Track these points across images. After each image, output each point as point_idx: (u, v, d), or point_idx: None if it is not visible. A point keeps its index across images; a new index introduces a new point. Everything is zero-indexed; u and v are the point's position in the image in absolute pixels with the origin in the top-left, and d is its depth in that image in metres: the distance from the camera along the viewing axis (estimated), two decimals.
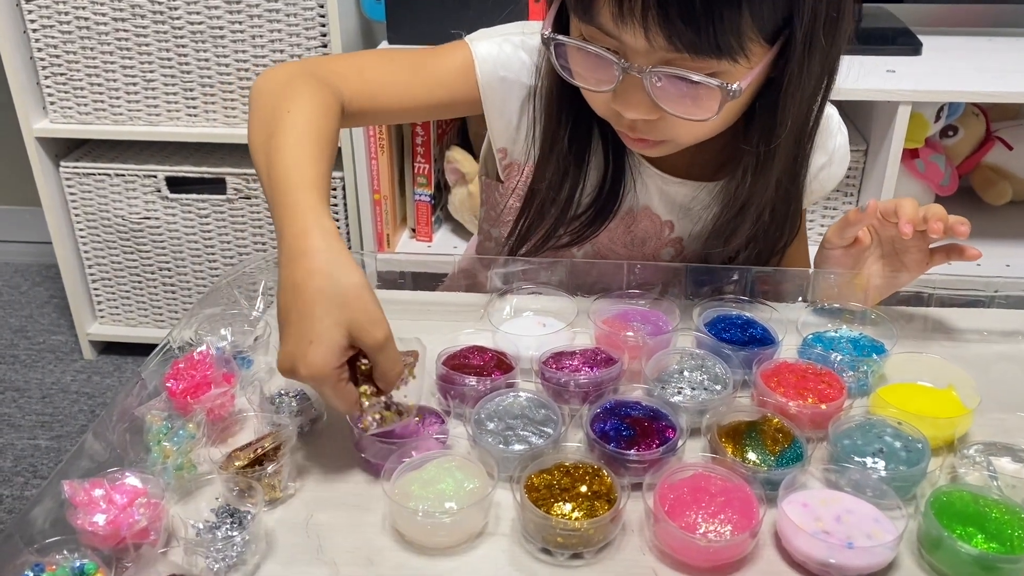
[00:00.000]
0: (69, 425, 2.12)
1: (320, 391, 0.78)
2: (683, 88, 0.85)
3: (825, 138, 1.09)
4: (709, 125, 0.89)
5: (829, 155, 1.10)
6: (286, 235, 0.81)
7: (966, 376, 0.88)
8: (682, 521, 0.71)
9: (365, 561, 0.72)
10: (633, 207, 1.11)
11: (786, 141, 0.94)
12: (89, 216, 2.12)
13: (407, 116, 1.10)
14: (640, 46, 0.82)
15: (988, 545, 0.70)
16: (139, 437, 0.81)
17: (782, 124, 0.92)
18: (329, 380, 0.76)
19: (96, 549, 0.69)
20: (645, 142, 0.95)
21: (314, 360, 0.75)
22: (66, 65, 1.95)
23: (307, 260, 0.78)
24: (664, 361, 0.91)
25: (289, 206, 0.82)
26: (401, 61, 1.07)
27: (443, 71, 1.06)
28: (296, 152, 0.88)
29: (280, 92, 0.95)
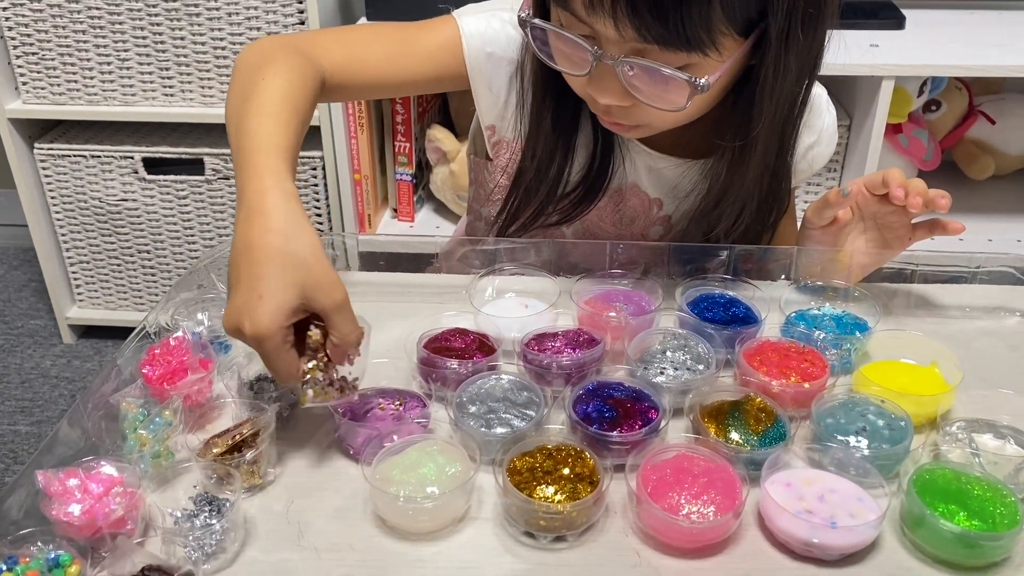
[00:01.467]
0: (49, 410, 2.10)
1: (262, 353, 0.75)
2: (654, 78, 0.85)
3: (814, 118, 1.09)
4: (683, 113, 0.89)
5: (817, 134, 1.10)
6: (246, 193, 0.80)
7: (949, 353, 0.88)
8: (665, 502, 0.71)
9: (346, 547, 0.72)
10: (622, 185, 1.11)
11: (768, 129, 0.94)
12: (65, 198, 2.09)
13: (391, 91, 1.09)
14: (611, 36, 0.83)
15: (970, 522, 0.70)
16: (115, 425, 0.80)
17: (758, 117, 0.92)
18: (274, 340, 0.74)
19: (72, 540, 0.68)
20: (620, 126, 0.95)
21: (261, 317, 0.73)
22: (38, 45, 1.91)
23: (264, 219, 0.77)
24: (647, 341, 0.91)
25: (252, 167, 0.82)
26: (387, 35, 1.06)
27: (430, 46, 1.05)
28: (266, 117, 0.87)
29: (259, 63, 0.95)
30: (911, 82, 1.91)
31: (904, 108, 1.92)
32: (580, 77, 0.90)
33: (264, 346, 0.75)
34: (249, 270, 0.75)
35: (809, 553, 0.70)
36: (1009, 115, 2.10)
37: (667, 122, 0.94)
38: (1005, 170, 2.16)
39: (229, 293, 0.77)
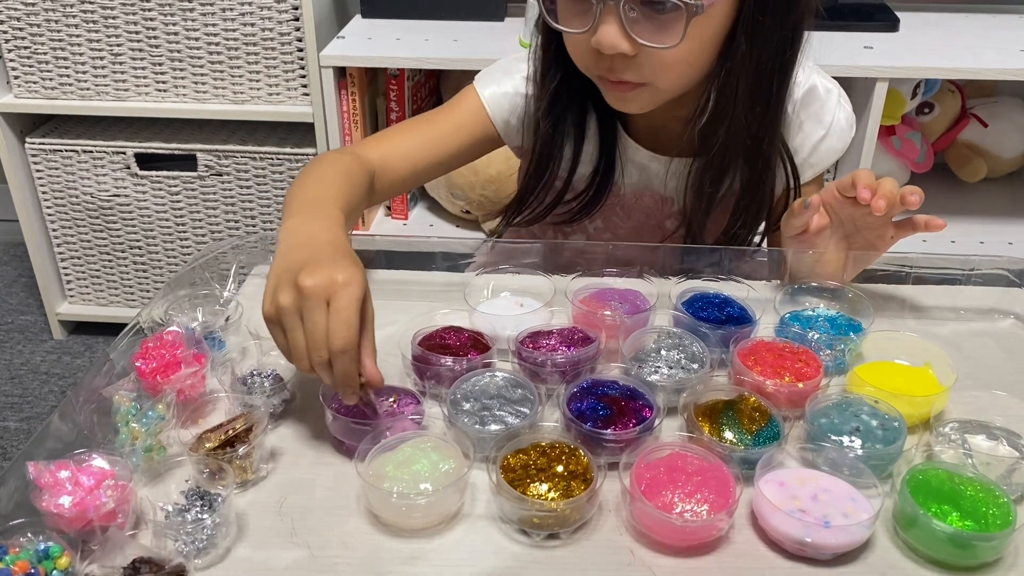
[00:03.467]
0: (39, 406, 2.09)
1: (343, 304, 0.75)
2: (653, 15, 0.90)
3: (821, 111, 1.11)
4: (683, 61, 0.94)
5: (826, 128, 1.12)
6: (293, 220, 0.87)
7: (942, 354, 0.88)
8: (658, 501, 0.71)
9: (339, 544, 0.71)
10: (634, 188, 1.15)
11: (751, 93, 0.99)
12: (56, 193, 2.08)
13: (436, 169, 1.17)
14: None
15: (963, 523, 0.70)
16: (107, 418, 0.80)
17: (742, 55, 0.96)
18: (352, 287, 0.76)
19: (62, 532, 0.68)
20: (625, 85, 0.97)
21: (347, 267, 0.76)
22: (30, 39, 1.91)
23: (321, 222, 0.86)
24: (641, 340, 0.91)
25: (302, 212, 0.89)
26: (419, 122, 1.17)
27: (458, 119, 1.16)
28: (320, 183, 0.96)
29: (321, 162, 1.05)
30: (904, 84, 1.91)
31: (897, 110, 1.93)
32: (584, 34, 0.93)
33: (347, 291, 0.75)
34: (313, 248, 0.81)
35: (802, 552, 0.70)
36: (1002, 118, 2.10)
37: (670, 79, 0.97)
38: (997, 173, 2.17)
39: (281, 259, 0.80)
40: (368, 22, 1.98)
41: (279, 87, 1.92)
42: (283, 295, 0.76)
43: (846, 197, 0.99)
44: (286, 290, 0.76)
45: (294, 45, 1.87)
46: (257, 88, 1.92)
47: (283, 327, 0.77)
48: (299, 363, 0.78)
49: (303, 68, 1.89)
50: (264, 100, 1.94)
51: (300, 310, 0.76)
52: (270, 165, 2.00)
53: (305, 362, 0.77)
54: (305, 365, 0.77)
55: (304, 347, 0.76)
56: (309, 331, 0.76)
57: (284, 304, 0.76)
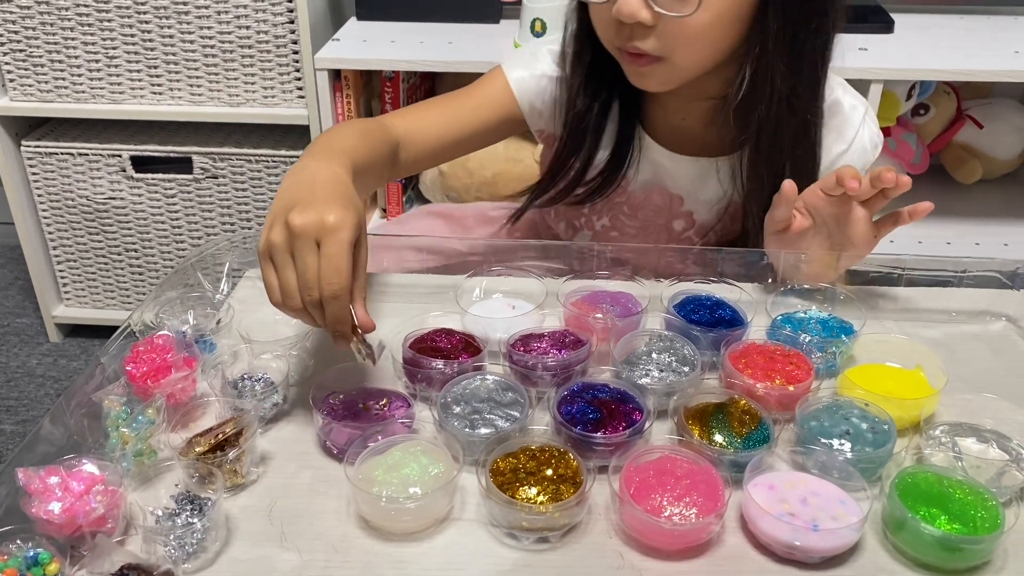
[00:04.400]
0: (35, 410, 2.09)
1: (334, 247, 0.75)
2: None
3: (844, 126, 1.11)
4: (703, 35, 0.95)
5: (848, 143, 1.12)
6: (300, 163, 0.87)
7: (934, 356, 0.88)
8: (647, 504, 0.71)
9: (329, 548, 0.71)
10: (645, 185, 1.17)
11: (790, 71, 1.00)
12: (52, 196, 2.08)
13: (458, 146, 1.18)
14: None
15: (951, 526, 0.70)
16: (98, 423, 0.80)
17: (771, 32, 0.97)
18: (344, 230, 0.76)
19: (51, 538, 0.68)
20: (643, 58, 0.98)
21: (339, 209, 0.76)
22: (25, 41, 1.90)
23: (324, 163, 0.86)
24: (632, 343, 0.91)
25: (315, 152, 0.90)
26: (445, 99, 1.18)
27: (483, 97, 1.17)
28: (339, 137, 0.96)
29: (345, 123, 1.08)
30: (900, 86, 1.91)
31: (893, 112, 1.93)
32: (606, 4, 0.96)
33: (338, 235, 0.75)
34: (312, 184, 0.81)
35: (791, 556, 0.70)
36: (997, 119, 2.10)
37: (688, 54, 0.98)
38: (993, 174, 2.17)
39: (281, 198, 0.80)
40: (363, 24, 1.99)
41: (274, 90, 1.92)
42: (275, 233, 0.77)
43: (830, 196, 0.98)
44: (278, 228, 0.77)
45: (289, 48, 1.87)
46: (252, 91, 1.92)
47: (274, 264, 0.78)
48: (289, 301, 0.78)
49: (298, 70, 1.89)
50: (259, 103, 1.94)
51: (291, 248, 0.76)
52: (265, 168, 2.00)
53: (296, 300, 0.77)
54: (293, 303, 0.77)
55: (295, 286, 0.77)
56: (300, 271, 0.76)
57: (275, 241, 0.77)
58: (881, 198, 0.96)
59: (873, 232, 1.00)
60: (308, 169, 0.85)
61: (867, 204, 0.97)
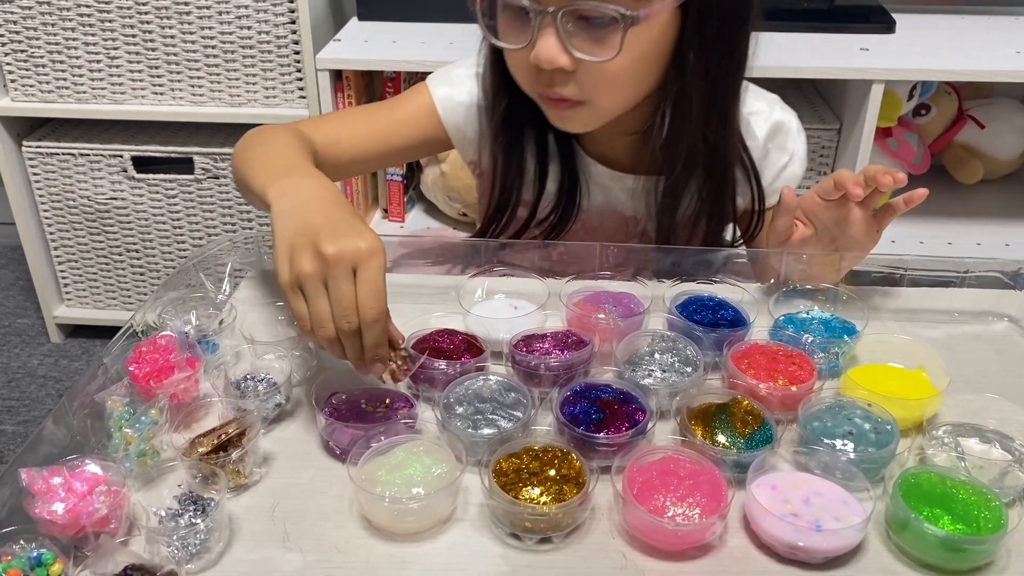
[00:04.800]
0: (36, 410, 2.09)
1: (370, 274, 0.75)
2: (590, 28, 0.90)
3: (785, 141, 1.14)
4: (623, 78, 0.94)
5: (790, 155, 1.15)
6: (281, 181, 0.85)
7: (936, 357, 0.88)
8: (650, 504, 0.71)
9: (332, 548, 0.71)
10: (598, 211, 1.16)
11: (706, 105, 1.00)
12: (53, 197, 2.08)
13: (376, 160, 1.16)
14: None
15: (954, 527, 0.70)
16: (100, 423, 0.80)
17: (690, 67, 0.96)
18: (375, 258, 0.75)
19: (55, 539, 0.68)
20: (564, 103, 0.97)
21: (369, 234, 0.76)
22: (27, 42, 1.91)
23: (314, 180, 0.85)
24: (635, 343, 0.91)
25: (283, 167, 0.89)
26: (367, 112, 1.15)
27: (407, 115, 1.14)
28: (284, 152, 0.95)
29: (260, 135, 1.03)
30: (901, 86, 1.91)
31: (894, 112, 1.93)
32: (523, 49, 0.93)
33: (375, 261, 0.75)
34: (323, 211, 0.80)
35: (794, 556, 0.70)
36: (998, 119, 2.10)
37: (610, 96, 0.97)
38: (994, 174, 2.17)
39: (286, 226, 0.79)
40: (364, 25, 1.99)
41: (275, 90, 1.92)
42: (304, 261, 0.76)
43: (829, 201, 0.99)
44: (306, 256, 0.76)
45: (290, 48, 1.87)
46: (253, 91, 1.93)
47: (305, 294, 0.77)
48: (321, 331, 0.77)
49: (299, 71, 1.89)
50: (260, 103, 1.94)
51: (324, 277, 0.76)
52: None
53: (329, 329, 0.76)
54: (328, 333, 0.76)
55: (329, 314, 0.76)
56: (336, 299, 0.75)
57: (306, 271, 0.76)
58: (877, 194, 0.96)
59: (875, 227, 1.00)
60: (303, 188, 0.84)
61: (864, 203, 0.98)
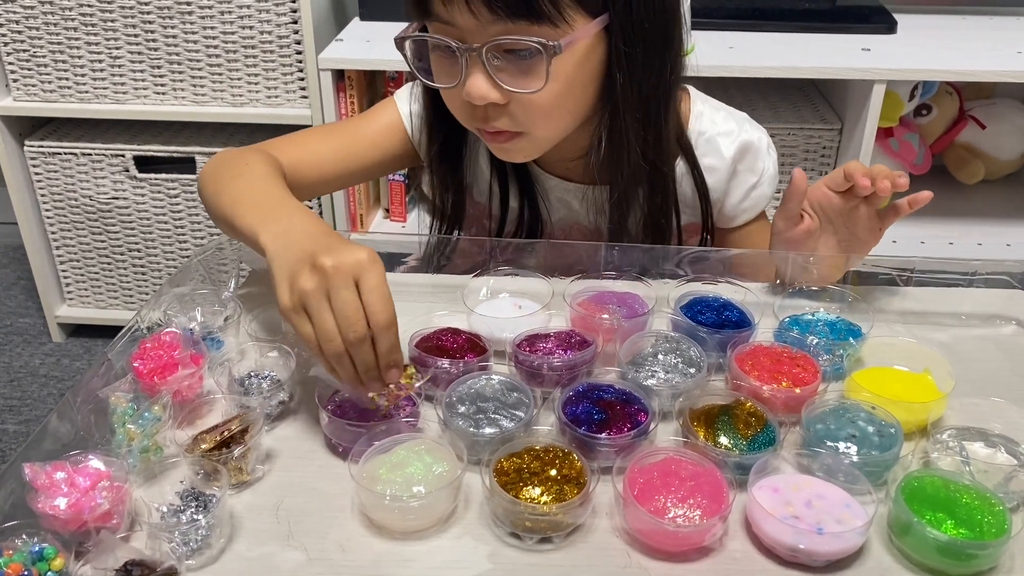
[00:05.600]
0: (38, 409, 2.09)
1: (373, 282, 0.75)
2: (516, 61, 0.91)
3: (755, 162, 1.13)
4: (556, 106, 0.94)
5: (759, 175, 1.13)
6: (271, 223, 0.85)
7: (942, 360, 0.88)
8: (651, 505, 0.71)
9: (334, 546, 0.71)
10: (562, 224, 1.16)
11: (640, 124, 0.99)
12: (55, 196, 2.08)
13: (345, 179, 1.15)
14: (470, 24, 0.88)
15: (957, 531, 0.69)
16: (104, 419, 0.80)
17: (621, 91, 0.96)
18: (376, 267, 0.76)
19: (57, 533, 0.68)
20: (503, 135, 0.98)
21: (360, 249, 0.76)
22: (29, 41, 1.91)
23: (304, 216, 0.85)
24: (638, 344, 0.91)
25: (268, 207, 0.88)
26: (334, 130, 1.16)
27: (373, 133, 1.14)
28: (264, 186, 0.94)
29: (233, 157, 1.02)
30: (902, 86, 1.91)
31: (895, 112, 1.93)
32: (455, 88, 0.94)
33: (376, 269, 0.76)
34: (316, 236, 0.80)
35: (795, 559, 0.69)
36: (1000, 120, 2.10)
37: (545, 125, 0.97)
38: (995, 175, 2.17)
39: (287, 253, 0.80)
40: (366, 25, 1.99)
41: (277, 90, 1.92)
42: (304, 280, 0.76)
43: (837, 192, 0.99)
44: (305, 274, 0.76)
45: (292, 48, 1.87)
46: (255, 91, 1.93)
47: (308, 312, 0.76)
48: (329, 345, 0.76)
49: (301, 71, 1.89)
50: (262, 103, 1.94)
51: (326, 292, 0.75)
52: None
53: (336, 342, 0.75)
54: (336, 347, 0.76)
55: (334, 328, 0.75)
56: (340, 309, 0.75)
57: (307, 288, 0.76)
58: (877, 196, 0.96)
59: (878, 225, 1.00)
60: (295, 227, 0.84)
61: (868, 200, 0.98)
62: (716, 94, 2.06)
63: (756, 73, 1.72)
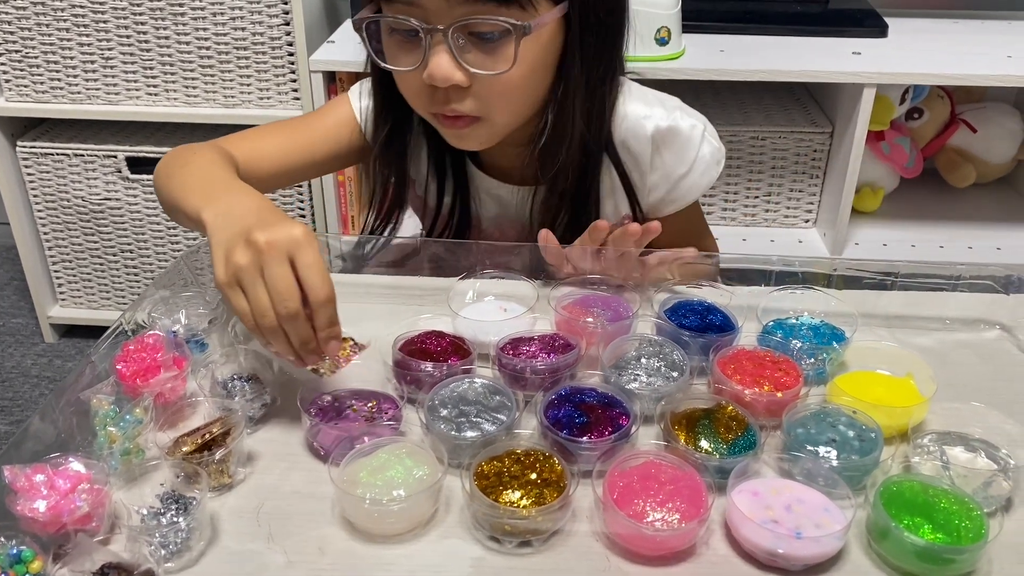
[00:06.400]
0: (29, 410, 2.09)
1: (309, 258, 0.76)
2: (483, 43, 0.91)
3: (684, 149, 1.09)
4: (517, 91, 0.95)
5: (689, 165, 1.10)
6: (213, 201, 0.85)
7: (924, 364, 0.88)
8: (630, 509, 0.71)
9: (314, 549, 0.71)
10: (494, 221, 1.17)
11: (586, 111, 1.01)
12: (48, 197, 2.08)
13: (298, 173, 1.15)
14: (436, 5, 0.89)
15: (935, 536, 0.70)
16: (87, 421, 0.80)
17: (573, 81, 0.98)
18: (311, 243, 0.76)
19: (36, 536, 0.68)
20: (461, 120, 0.97)
21: (295, 224, 0.76)
22: (21, 42, 1.90)
23: (247, 195, 0.86)
24: (622, 348, 0.91)
25: (213, 188, 0.89)
26: (286, 125, 1.15)
27: (325, 127, 1.14)
28: (211, 170, 0.95)
29: (183, 150, 1.03)
30: (893, 90, 1.92)
31: (886, 116, 1.93)
32: (414, 71, 0.93)
33: (312, 246, 0.76)
34: (257, 212, 0.81)
35: (774, 563, 0.69)
36: (991, 124, 2.10)
37: (506, 109, 0.98)
38: (986, 178, 2.17)
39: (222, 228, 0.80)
40: None
41: (269, 91, 1.92)
42: (238, 255, 0.76)
43: None
44: (240, 249, 0.76)
45: (284, 49, 1.87)
46: (248, 92, 1.92)
47: (243, 287, 0.77)
48: (263, 319, 0.76)
49: (293, 72, 1.89)
50: (254, 104, 1.94)
51: (260, 267, 0.76)
52: None
53: (270, 316, 0.76)
54: (270, 321, 0.76)
55: (268, 303, 0.76)
56: (272, 285, 0.76)
57: (241, 263, 0.76)
58: None
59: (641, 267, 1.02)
60: (236, 203, 0.84)
61: None
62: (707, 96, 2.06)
63: (747, 76, 1.72)
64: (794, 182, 1.98)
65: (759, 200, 2.02)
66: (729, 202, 2.03)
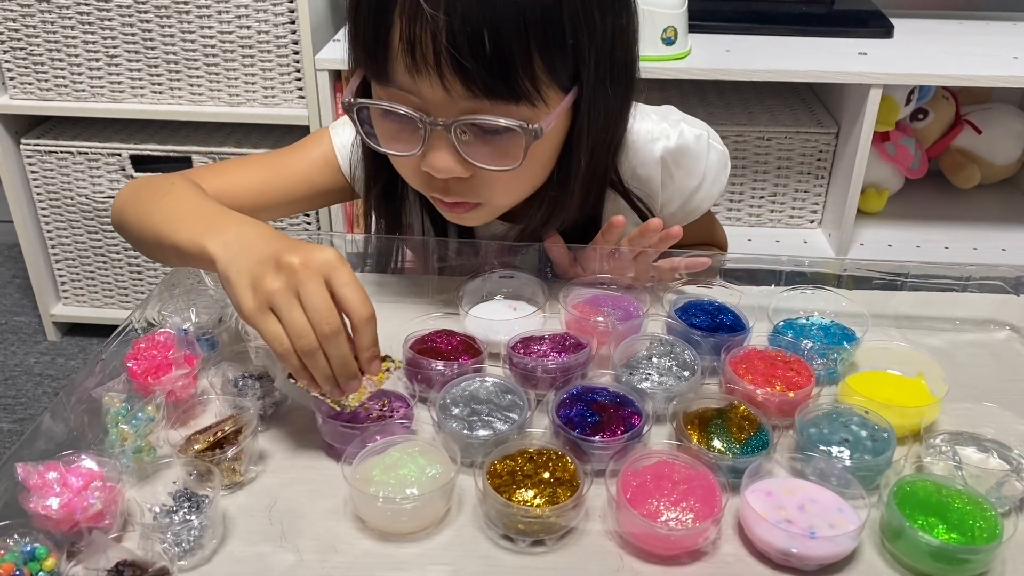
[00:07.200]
0: (32, 408, 2.09)
1: (343, 278, 0.74)
2: (488, 138, 0.85)
3: (694, 163, 1.07)
4: (521, 180, 0.92)
5: (700, 178, 1.08)
6: (216, 233, 0.82)
7: (936, 365, 0.88)
8: (644, 508, 0.71)
9: (327, 548, 0.71)
10: None
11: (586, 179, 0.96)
12: (51, 195, 2.08)
13: (272, 211, 1.08)
14: (439, 97, 0.82)
15: (949, 536, 0.69)
16: (98, 419, 0.80)
17: (577, 164, 0.93)
18: (346, 264, 0.74)
19: (49, 533, 0.68)
20: (462, 206, 0.94)
21: (324, 249, 0.75)
22: (26, 40, 1.90)
23: (252, 224, 0.83)
24: (633, 347, 0.91)
25: (208, 219, 0.86)
26: (263, 161, 1.09)
27: (303, 165, 1.08)
28: (197, 201, 0.91)
29: (153, 181, 0.98)
30: (899, 91, 1.92)
31: (891, 116, 1.93)
32: (412, 157, 0.88)
33: (346, 266, 0.74)
34: (272, 240, 0.78)
35: (787, 563, 0.69)
36: (995, 124, 2.11)
37: (508, 195, 0.95)
38: (991, 179, 2.17)
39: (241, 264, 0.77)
40: None
41: (274, 90, 1.92)
42: (269, 280, 0.74)
43: None
44: (270, 275, 0.74)
45: (290, 48, 1.87)
46: (252, 90, 1.92)
47: (277, 311, 0.74)
48: (301, 342, 0.73)
49: (298, 71, 1.89)
50: (259, 103, 1.94)
51: (295, 288, 0.74)
52: None
53: (310, 337, 0.73)
54: (310, 342, 0.73)
55: (306, 324, 0.73)
56: (311, 303, 0.73)
57: (274, 287, 0.74)
58: None
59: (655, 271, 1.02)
60: (245, 230, 0.81)
61: None
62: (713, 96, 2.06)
63: (753, 76, 1.72)
64: (799, 182, 1.98)
65: (764, 200, 2.02)
66: (734, 202, 2.03)
